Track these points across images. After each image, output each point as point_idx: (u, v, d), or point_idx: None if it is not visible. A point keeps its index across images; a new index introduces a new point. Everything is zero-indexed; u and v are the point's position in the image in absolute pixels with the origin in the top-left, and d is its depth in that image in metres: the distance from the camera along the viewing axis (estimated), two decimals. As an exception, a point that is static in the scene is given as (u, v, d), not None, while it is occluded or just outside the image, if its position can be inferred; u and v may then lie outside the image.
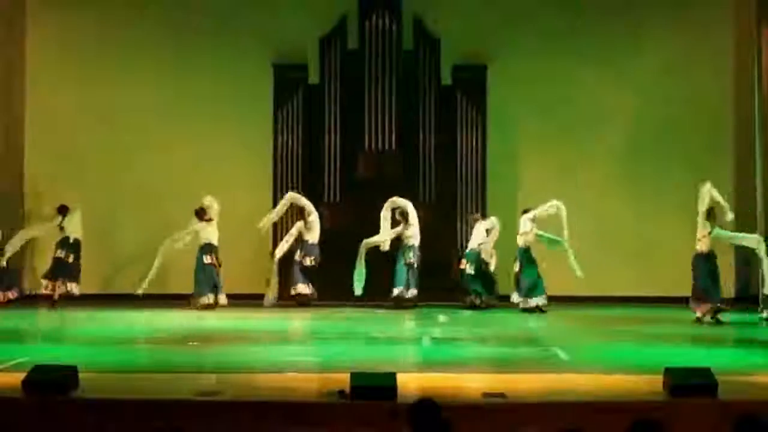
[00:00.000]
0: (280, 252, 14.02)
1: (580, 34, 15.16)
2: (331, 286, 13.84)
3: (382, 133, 14.98)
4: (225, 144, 15.12)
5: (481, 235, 13.74)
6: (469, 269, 13.58)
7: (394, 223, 13.77)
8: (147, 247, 14.71)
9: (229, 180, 14.99)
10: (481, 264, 13.60)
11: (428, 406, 4.64)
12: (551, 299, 13.35)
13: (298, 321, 12.23)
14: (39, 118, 15.22)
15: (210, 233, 13.69)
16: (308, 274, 13.91)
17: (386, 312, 13.14)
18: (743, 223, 14.32)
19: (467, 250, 13.85)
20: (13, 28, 15.34)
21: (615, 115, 15.22)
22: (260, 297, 14.09)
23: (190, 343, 10.08)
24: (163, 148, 15.12)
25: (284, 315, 12.87)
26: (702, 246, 12.14)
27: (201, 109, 15.16)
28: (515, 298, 13.45)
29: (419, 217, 13.89)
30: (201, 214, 13.75)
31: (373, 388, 6.61)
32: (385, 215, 13.74)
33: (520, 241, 13.47)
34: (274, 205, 14.86)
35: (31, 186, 15.23)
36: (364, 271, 13.28)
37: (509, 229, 13.66)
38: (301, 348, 9.78)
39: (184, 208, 14.67)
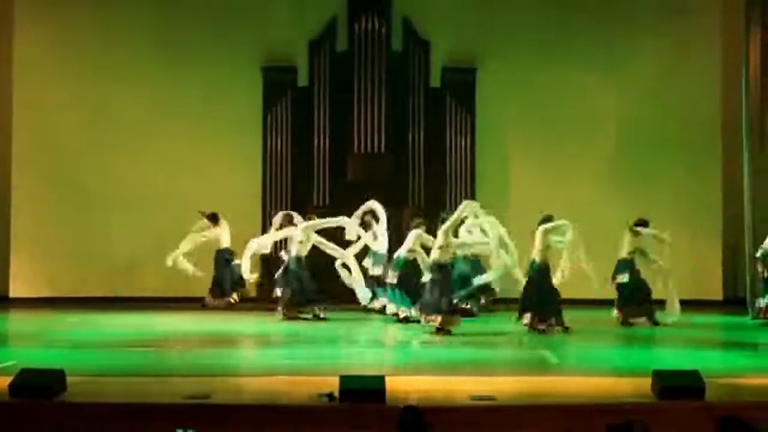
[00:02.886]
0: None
1: (570, 37, 15.19)
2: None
3: (371, 135, 14.97)
4: (214, 146, 15.09)
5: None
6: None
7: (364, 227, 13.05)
8: (136, 247, 14.71)
9: (218, 182, 14.96)
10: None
11: (415, 414, 4.59)
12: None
13: (286, 324, 12.20)
14: (26, 115, 15.15)
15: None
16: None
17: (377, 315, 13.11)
18: (732, 224, 14.41)
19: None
20: (1, 25, 15.28)
21: (604, 117, 15.26)
22: (249, 300, 14.09)
23: (178, 347, 10.06)
24: (151, 149, 15.08)
25: (273, 318, 12.82)
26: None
27: (190, 110, 15.12)
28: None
29: (407, 219, 13.83)
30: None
31: (362, 392, 6.61)
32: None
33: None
34: (263, 207, 14.84)
35: (19, 184, 15.15)
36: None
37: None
38: (289, 351, 9.76)
39: (173, 209, 14.66)
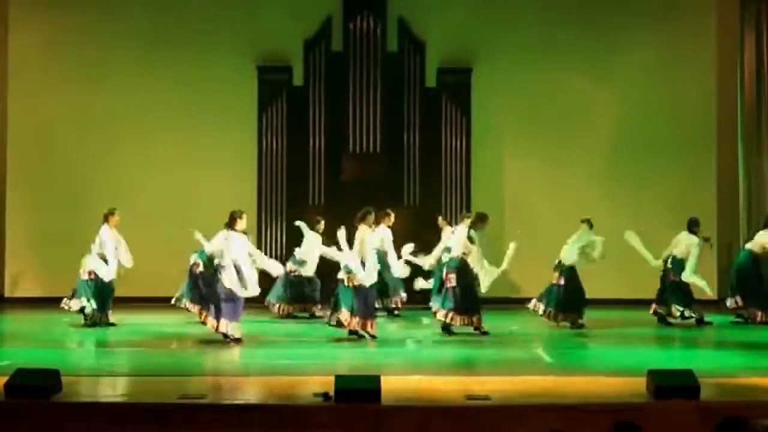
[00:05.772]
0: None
1: (565, 37, 15.17)
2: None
3: (366, 135, 14.97)
4: (209, 146, 15.07)
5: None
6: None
7: None
8: (131, 248, 14.64)
9: (213, 182, 14.94)
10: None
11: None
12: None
13: (281, 324, 12.21)
14: (21, 118, 15.11)
15: None
16: None
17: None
18: (726, 224, 14.44)
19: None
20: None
21: (599, 117, 15.26)
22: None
23: (173, 347, 10.07)
24: (146, 150, 15.05)
25: (267, 318, 12.83)
26: None
27: (185, 111, 15.09)
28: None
29: (402, 220, 13.77)
30: None
31: (357, 391, 6.61)
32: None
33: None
34: (258, 207, 14.84)
35: (14, 185, 15.12)
36: None
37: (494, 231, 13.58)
38: (285, 351, 9.77)
39: (168, 210, 14.64)
